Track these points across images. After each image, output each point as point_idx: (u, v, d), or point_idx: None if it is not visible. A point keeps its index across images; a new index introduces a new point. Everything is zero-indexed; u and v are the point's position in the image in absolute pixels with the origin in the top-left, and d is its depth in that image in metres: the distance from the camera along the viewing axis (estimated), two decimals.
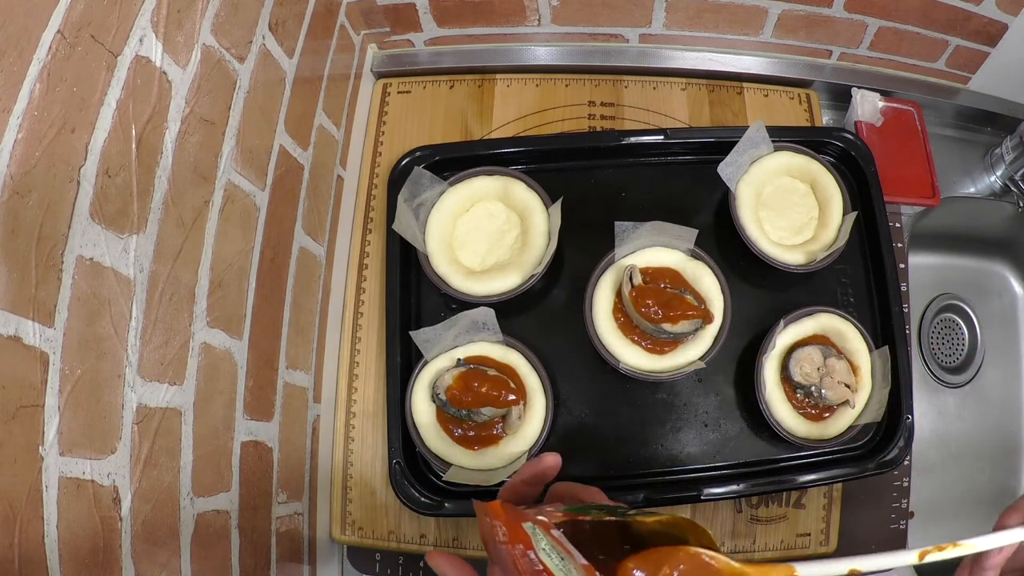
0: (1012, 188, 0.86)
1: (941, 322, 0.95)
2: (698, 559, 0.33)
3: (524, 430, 0.66)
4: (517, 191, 0.73)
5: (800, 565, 0.34)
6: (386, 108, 0.84)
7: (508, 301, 0.69)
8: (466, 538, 0.71)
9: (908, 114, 0.84)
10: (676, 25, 0.82)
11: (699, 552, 0.33)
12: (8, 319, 0.33)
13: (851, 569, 0.36)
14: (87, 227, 0.38)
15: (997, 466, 0.91)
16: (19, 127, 0.33)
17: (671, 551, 0.33)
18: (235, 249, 0.55)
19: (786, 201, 0.75)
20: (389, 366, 0.70)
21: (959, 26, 0.76)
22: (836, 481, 0.68)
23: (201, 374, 0.49)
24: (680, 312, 0.65)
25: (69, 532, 0.36)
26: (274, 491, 0.62)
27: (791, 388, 0.68)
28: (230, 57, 0.52)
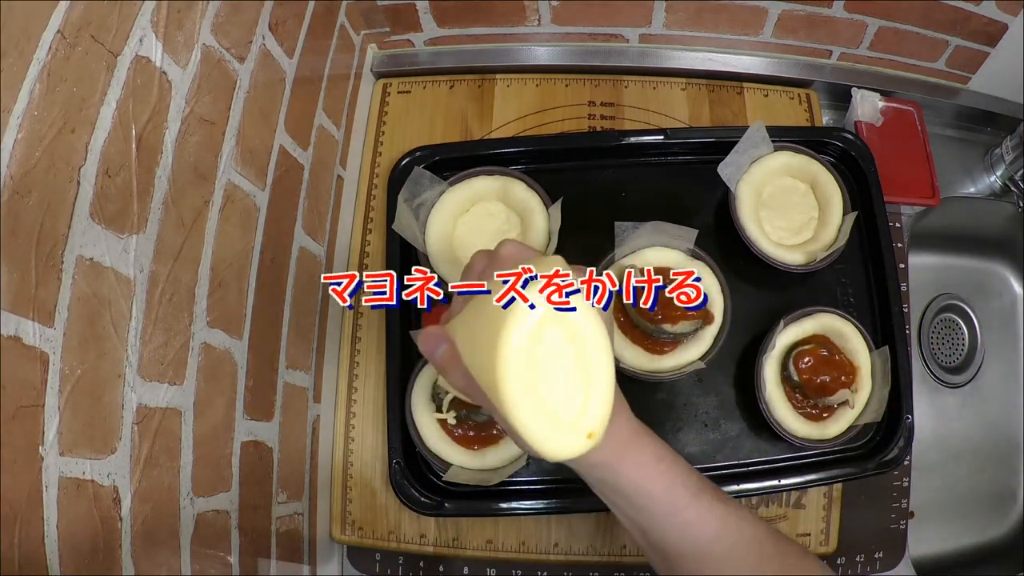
0: (1012, 188, 0.86)
1: (941, 322, 0.95)
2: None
3: None
4: (517, 191, 0.72)
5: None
6: (386, 108, 0.84)
7: None
8: (466, 538, 0.71)
9: (908, 114, 0.84)
10: (676, 25, 0.82)
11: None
12: (8, 319, 0.33)
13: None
14: (87, 227, 0.38)
15: (997, 466, 0.91)
16: (19, 127, 0.33)
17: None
18: (235, 249, 0.55)
19: (786, 201, 0.75)
20: (389, 366, 0.70)
21: (959, 26, 0.76)
22: (836, 481, 0.68)
23: (201, 374, 0.49)
24: (680, 312, 0.65)
25: (69, 532, 0.36)
26: (274, 491, 0.62)
27: (791, 388, 0.68)
28: (230, 57, 0.52)
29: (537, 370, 0.32)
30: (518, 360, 0.32)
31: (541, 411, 0.32)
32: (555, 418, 0.33)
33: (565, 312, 0.32)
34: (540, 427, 0.32)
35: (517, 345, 0.32)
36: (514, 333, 0.32)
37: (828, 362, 0.67)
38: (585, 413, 0.33)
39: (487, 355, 0.33)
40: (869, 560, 0.73)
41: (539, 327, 0.32)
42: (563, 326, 0.33)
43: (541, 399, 0.32)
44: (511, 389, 0.32)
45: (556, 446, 0.33)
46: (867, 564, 0.73)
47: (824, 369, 0.67)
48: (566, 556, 0.71)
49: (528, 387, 0.32)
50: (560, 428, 0.33)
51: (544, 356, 0.32)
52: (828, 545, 0.71)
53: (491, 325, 0.33)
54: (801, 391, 0.67)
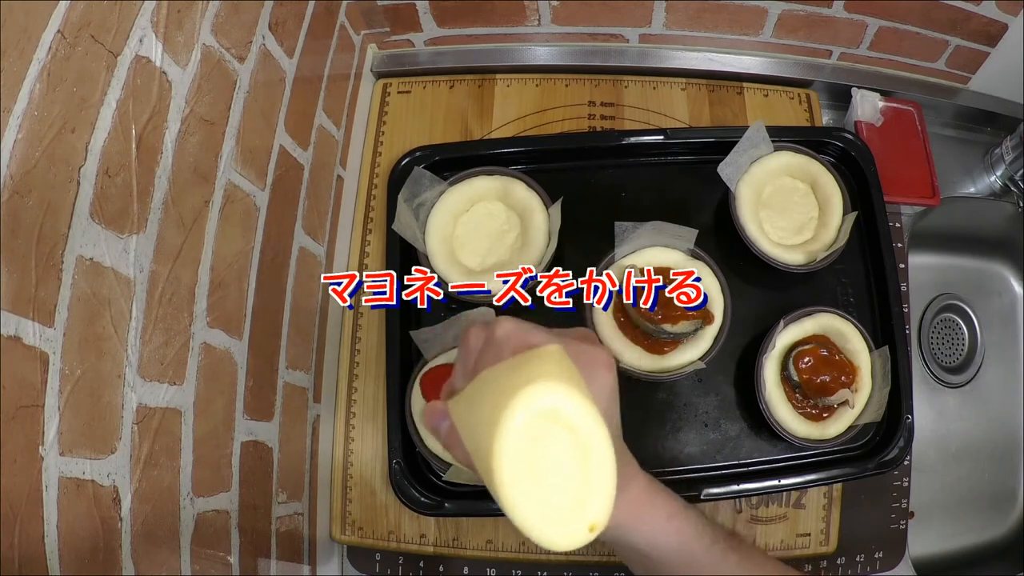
0: (1012, 188, 0.86)
1: (941, 322, 0.95)
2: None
3: None
4: (517, 191, 0.72)
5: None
6: (386, 108, 0.84)
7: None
8: (466, 538, 0.71)
9: (908, 114, 0.84)
10: (676, 25, 0.82)
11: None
12: (8, 319, 0.33)
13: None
14: (87, 227, 0.38)
15: (997, 466, 0.91)
16: (19, 127, 0.33)
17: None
18: (235, 249, 0.55)
19: (786, 201, 0.75)
20: (389, 366, 0.70)
21: (959, 26, 0.76)
22: (836, 481, 0.68)
23: (201, 374, 0.49)
24: (680, 312, 0.65)
25: (69, 532, 0.36)
26: (274, 491, 0.62)
27: (791, 388, 0.68)
28: (230, 57, 0.52)
29: (535, 466, 0.32)
30: (515, 457, 0.31)
31: (540, 504, 0.32)
32: (555, 511, 0.32)
33: (560, 407, 0.32)
34: (539, 521, 0.32)
35: (513, 442, 0.31)
36: (510, 431, 0.31)
37: (828, 362, 0.67)
38: (587, 505, 0.32)
39: (483, 447, 0.32)
40: (869, 560, 0.73)
41: (536, 425, 0.32)
42: (562, 425, 0.32)
43: (540, 492, 0.32)
44: (508, 482, 0.31)
45: (556, 539, 0.32)
46: (867, 564, 0.73)
47: (824, 369, 0.67)
48: (566, 556, 0.71)
49: (526, 479, 0.32)
50: (560, 521, 0.32)
51: (543, 453, 0.32)
52: (828, 545, 0.71)
53: (488, 418, 0.32)
54: (801, 391, 0.67)
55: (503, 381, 0.34)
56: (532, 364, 0.35)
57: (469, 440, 0.36)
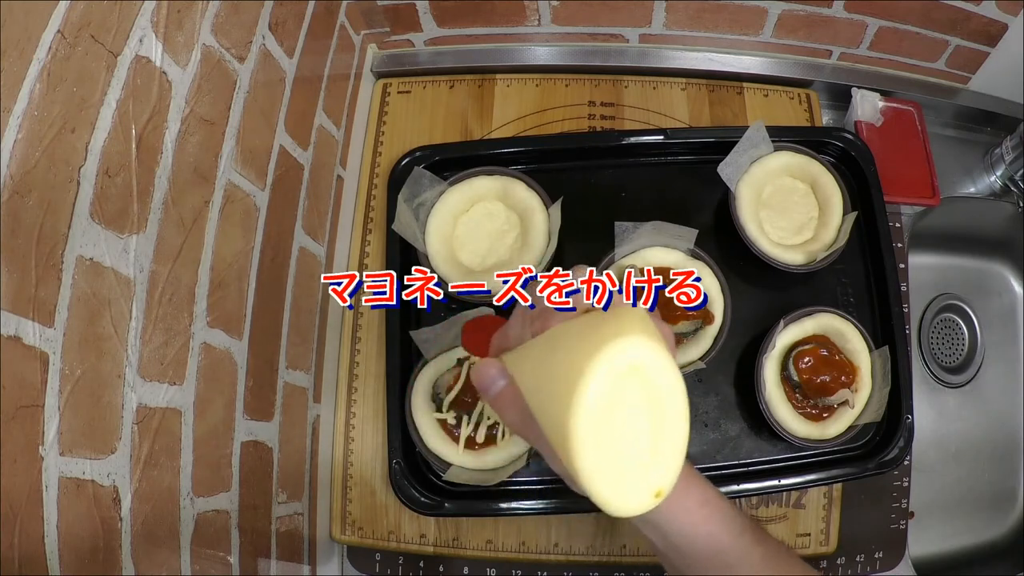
0: (1012, 188, 0.86)
1: (941, 322, 0.95)
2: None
3: None
4: (517, 191, 0.72)
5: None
6: (386, 108, 0.84)
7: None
8: (466, 538, 0.71)
9: (908, 114, 0.84)
10: (676, 25, 0.82)
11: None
12: (8, 319, 0.33)
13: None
14: (87, 227, 0.38)
15: (997, 466, 0.91)
16: (19, 127, 0.33)
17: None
18: (235, 249, 0.55)
19: (786, 201, 0.75)
20: (389, 366, 0.70)
21: (959, 26, 0.76)
22: (836, 481, 0.68)
23: (201, 374, 0.49)
24: (680, 312, 0.65)
25: (69, 532, 0.36)
26: (274, 491, 0.62)
27: (791, 388, 0.68)
28: (230, 57, 0.52)
29: (611, 424, 0.31)
30: (594, 413, 0.30)
31: (611, 467, 0.31)
32: (624, 475, 0.31)
33: (647, 364, 0.31)
34: (608, 484, 0.31)
35: (596, 399, 0.30)
36: (592, 388, 0.30)
37: (828, 362, 0.67)
38: (655, 470, 0.32)
39: (560, 403, 0.31)
40: (869, 560, 0.73)
41: (618, 384, 0.31)
42: (644, 385, 0.31)
43: (612, 454, 0.31)
44: (584, 447, 0.30)
45: (623, 504, 0.31)
46: (867, 564, 0.73)
47: (824, 369, 0.67)
48: (566, 556, 0.71)
49: (600, 442, 0.31)
50: (628, 486, 0.31)
51: (621, 414, 0.31)
52: (828, 545, 0.71)
53: (565, 374, 0.31)
54: (801, 391, 0.67)
55: (585, 335, 0.32)
56: (616, 320, 0.33)
57: (537, 398, 0.34)
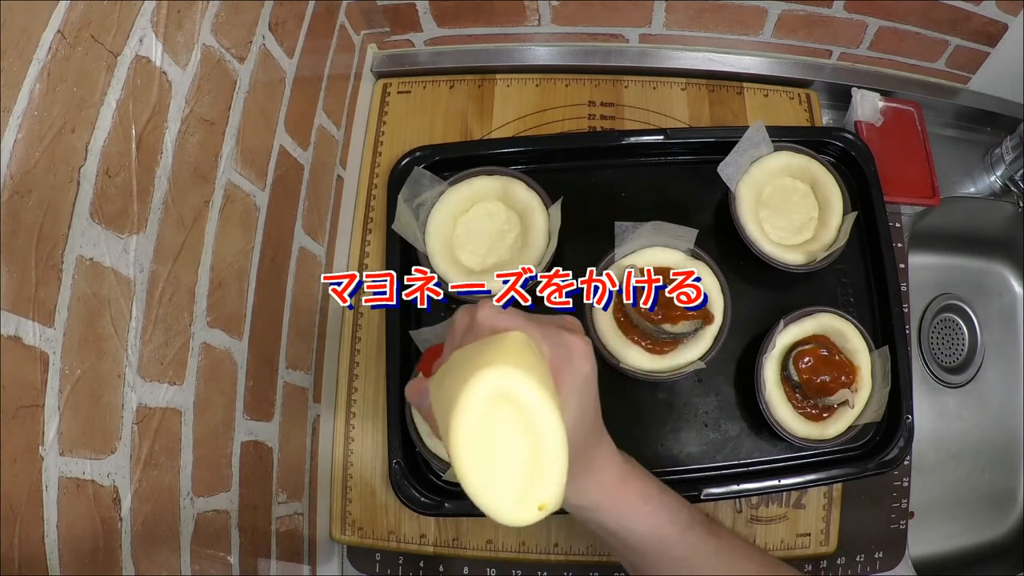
0: (1012, 188, 0.86)
1: (941, 322, 0.95)
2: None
3: None
4: (517, 191, 0.72)
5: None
6: (386, 108, 0.84)
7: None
8: (466, 538, 0.71)
9: (908, 114, 0.84)
10: (676, 25, 0.82)
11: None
12: (8, 319, 0.33)
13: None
14: (87, 227, 0.38)
15: (997, 466, 0.91)
16: (19, 127, 0.33)
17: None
18: (235, 249, 0.55)
19: (786, 201, 0.75)
20: (389, 366, 0.70)
21: (959, 26, 0.76)
22: (836, 481, 0.68)
23: (201, 374, 0.50)
24: (680, 312, 0.65)
25: (69, 532, 0.36)
26: (274, 491, 0.62)
27: (791, 388, 0.68)
28: (230, 57, 0.52)
29: (490, 445, 0.34)
30: (470, 435, 0.33)
31: (494, 480, 0.34)
32: (508, 488, 0.34)
33: (514, 390, 0.33)
34: (491, 498, 0.34)
35: (468, 420, 0.33)
36: (466, 410, 0.33)
37: (828, 362, 0.67)
38: (538, 485, 0.34)
39: (445, 423, 0.34)
40: (869, 560, 0.73)
41: (490, 407, 0.33)
42: (516, 408, 0.34)
43: (494, 468, 0.34)
44: (463, 461, 0.33)
45: (506, 515, 0.34)
46: (867, 564, 0.73)
47: (824, 369, 0.67)
48: (566, 556, 0.71)
49: (482, 456, 0.33)
50: (511, 500, 0.34)
51: (497, 433, 0.34)
52: (828, 545, 0.71)
53: (450, 396, 0.34)
54: (801, 391, 0.67)
55: (468, 362, 0.36)
56: (493, 347, 0.36)
57: (439, 416, 0.38)
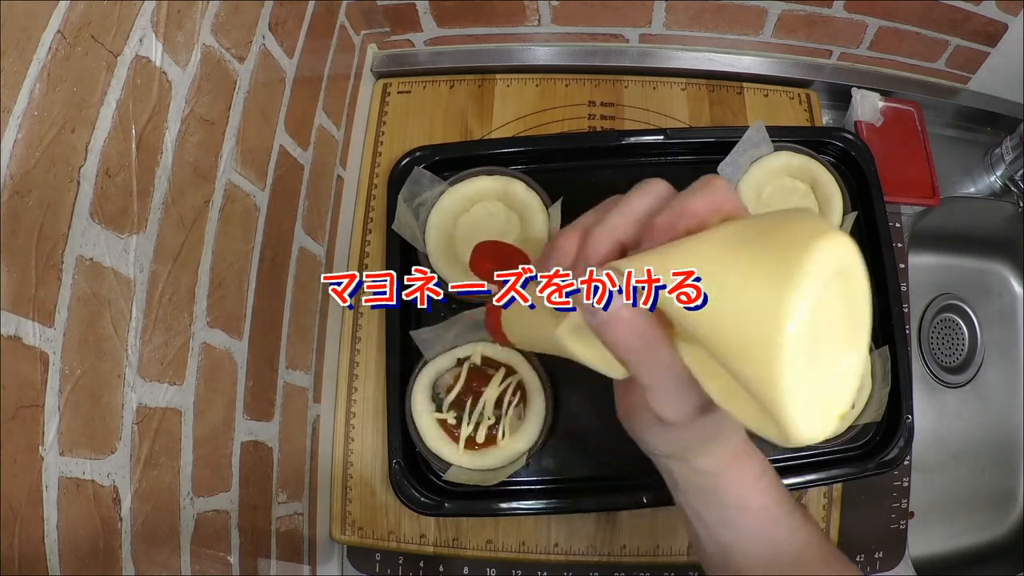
0: (1012, 188, 0.86)
1: (941, 322, 0.95)
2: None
3: (523, 430, 0.66)
4: (517, 191, 0.73)
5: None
6: (386, 108, 0.84)
7: None
8: (466, 538, 0.71)
9: (908, 114, 0.84)
10: (676, 25, 0.82)
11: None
12: (8, 319, 0.33)
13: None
14: (87, 227, 0.38)
15: (997, 466, 0.91)
16: (19, 127, 0.33)
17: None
18: (235, 249, 0.55)
19: (786, 201, 0.75)
20: (389, 366, 0.70)
21: (959, 26, 0.76)
22: (836, 481, 0.68)
23: (201, 374, 0.49)
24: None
25: (69, 532, 0.36)
26: (274, 491, 0.62)
27: None
28: (230, 57, 0.52)
29: (814, 338, 0.26)
30: (804, 325, 0.25)
31: (807, 387, 0.26)
32: (816, 395, 0.27)
33: (850, 267, 0.26)
34: (803, 405, 0.26)
35: (809, 307, 0.25)
36: (808, 290, 0.25)
37: None
38: (841, 388, 0.28)
39: (761, 316, 0.26)
40: (869, 560, 0.73)
41: (827, 286, 0.26)
42: (843, 285, 0.27)
43: (811, 372, 0.26)
44: (789, 361, 0.25)
45: (811, 427, 0.27)
46: (867, 564, 0.73)
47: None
48: (566, 556, 0.71)
49: (803, 358, 0.26)
50: (818, 406, 0.27)
51: (822, 321, 0.26)
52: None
53: (768, 280, 0.26)
54: None
55: (778, 237, 0.27)
56: (811, 220, 0.27)
57: (718, 310, 0.29)
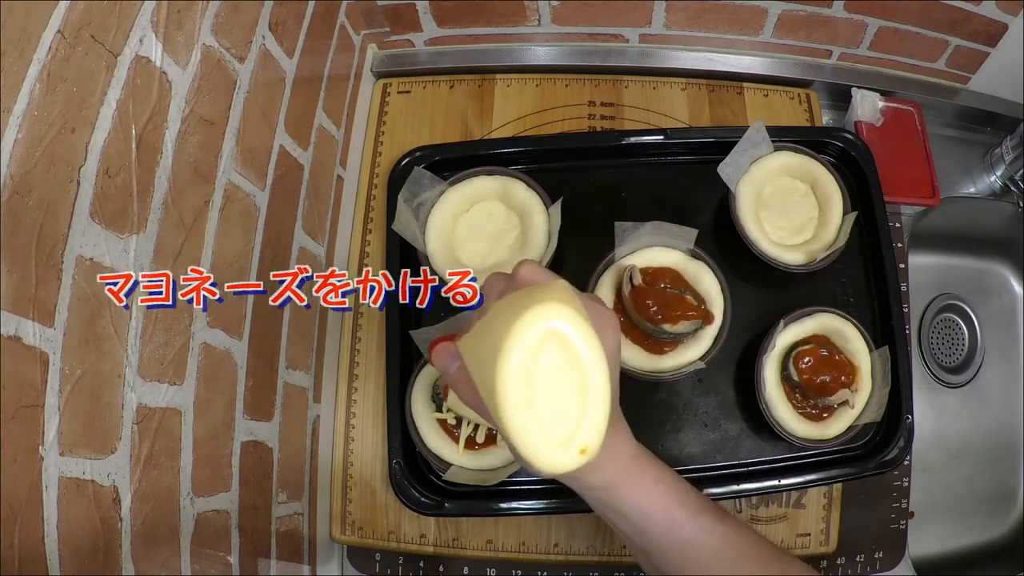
0: (1012, 188, 0.86)
1: (941, 322, 0.95)
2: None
3: None
4: (517, 191, 0.72)
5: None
6: (386, 108, 0.84)
7: None
8: (466, 538, 0.71)
9: (908, 114, 0.84)
10: (676, 25, 0.82)
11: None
12: (8, 319, 0.33)
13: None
14: (87, 227, 0.38)
15: (997, 466, 0.91)
16: (19, 127, 0.33)
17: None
18: (235, 249, 0.55)
19: (786, 201, 0.75)
20: (389, 366, 0.70)
21: (959, 26, 0.76)
22: (836, 481, 0.68)
23: (201, 374, 0.50)
24: (680, 312, 0.65)
25: (69, 532, 0.36)
26: (274, 491, 0.62)
27: (791, 388, 0.68)
28: (230, 57, 0.52)
29: (535, 387, 0.34)
30: (517, 376, 0.33)
31: (537, 426, 0.34)
32: (550, 433, 0.34)
33: (563, 329, 0.33)
34: (535, 441, 0.34)
35: (517, 361, 0.33)
36: (515, 350, 0.33)
37: (828, 362, 0.67)
38: (579, 430, 0.34)
39: (488, 370, 0.34)
40: (869, 560, 0.73)
41: (539, 346, 0.33)
42: (564, 348, 0.34)
43: (537, 415, 0.34)
44: (509, 404, 0.33)
45: (549, 460, 0.34)
46: (867, 564, 0.73)
47: (824, 369, 0.67)
48: (566, 556, 0.71)
49: (526, 403, 0.33)
50: (554, 443, 0.34)
51: (544, 374, 0.34)
52: (828, 545, 0.71)
53: (494, 342, 0.34)
54: (801, 391, 0.67)
55: (512, 306, 0.35)
56: (541, 291, 0.36)
57: (476, 368, 0.37)
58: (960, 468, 0.91)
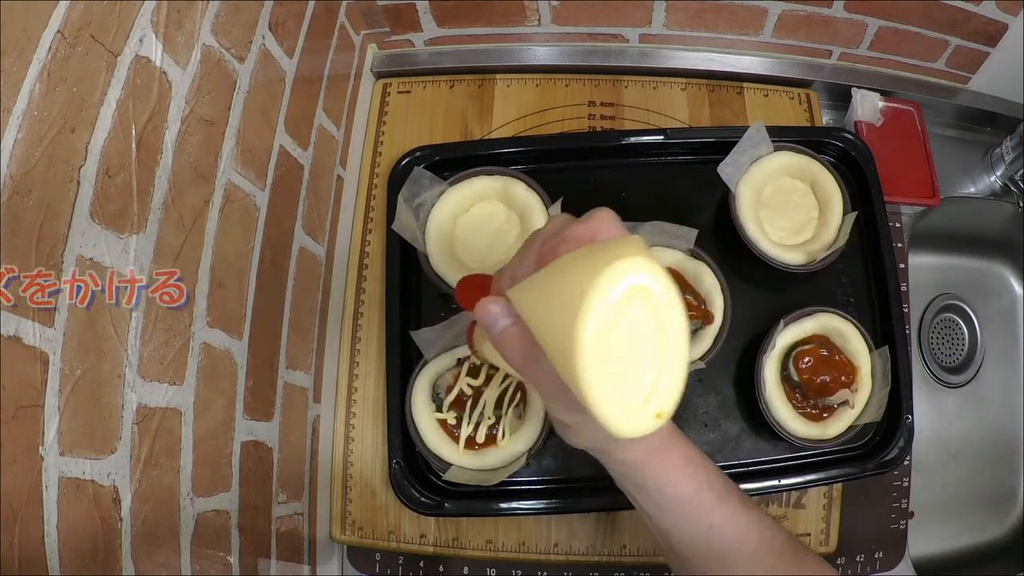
0: (1012, 188, 0.86)
1: (941, 322, 0.95)
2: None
3: (523, 430, 0.66)
4: (517, 191, 0.72)
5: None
6: (386, 108, 0.84)
7: None
8: (466, 538, 0.71)
9: (908, 114, 0.84)
10: (676, 25, 0.82)
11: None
12: (8, 319, 0.33)
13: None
14: (87, 227, 0.38)
15: (997, 466, 0.91)
16: (19, 127, 0.33)
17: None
18: (235, 249, 0.55)
19: (786, 201, 0.75)
20: (389, 366, 0.70)
21: (959, 26, 0.76)
22: (836, 481, 0.68)
23: (201, 374, 0.49)
24: None
25: (69, 532, 0.36)
26: (274, 491, 0.62)
27: (791, 388, 0.68)
28: (230, 57, 0.52)
29: (615, 344, 0.31)
30: (598, 333, 0.30)
31: (615, 388, 0.31)
32: (627, 395, 0.32)
33: (649, 286, 0.31)
34: (612, 404, 0.31)
35: (601, 318, 0.30)
36: (599, 305, 0.30)
37: (828, 362, 0.67)
38: (656, 392, 0.32)
39: (564, 327, 0.31)
40: (869, 560, 0.73)
41: (625, 300, 0.31)
42: (648, 305, 0.31)
43: (616, 375, 0.31)
44: (588, 362, 0.30)
45: (626, 423, 0.32)
46: (867, 564, 0.73)
47: (824, 369, 0.67)
48: (566, 556, 0.71)
49: (604, 361, 0.31)
50: (631, 406, 0.32)
51: (622, 333, 0.31)
52: (828, 545, 0.71)
53: (572, 297, 0.31)
54: (801, 391, 0.67)
55: (588, 261, 0.32)
56: (617, 245, 0.33)
57: (541, 326, 0.34)
58: (960, 468, 0.91)
